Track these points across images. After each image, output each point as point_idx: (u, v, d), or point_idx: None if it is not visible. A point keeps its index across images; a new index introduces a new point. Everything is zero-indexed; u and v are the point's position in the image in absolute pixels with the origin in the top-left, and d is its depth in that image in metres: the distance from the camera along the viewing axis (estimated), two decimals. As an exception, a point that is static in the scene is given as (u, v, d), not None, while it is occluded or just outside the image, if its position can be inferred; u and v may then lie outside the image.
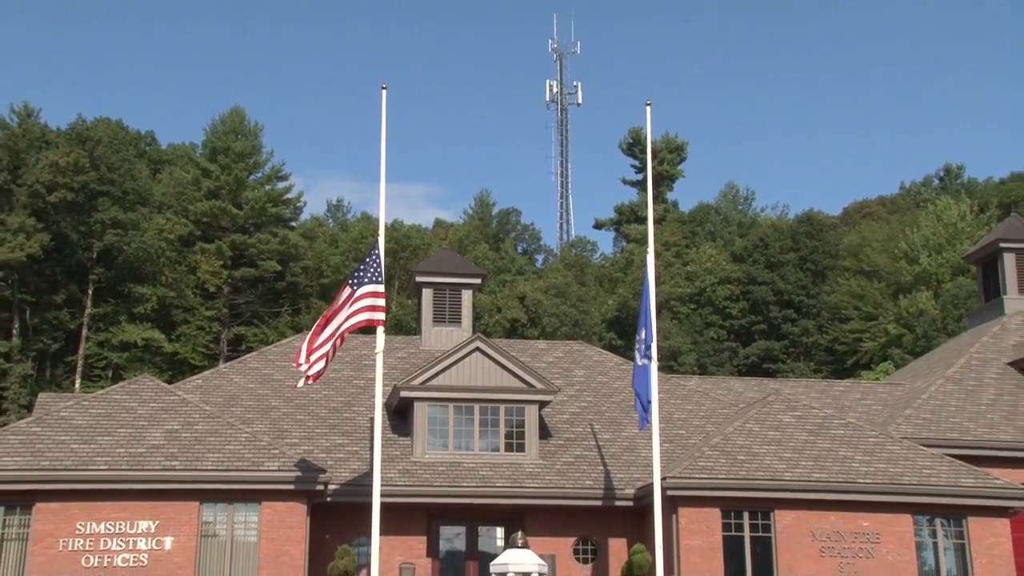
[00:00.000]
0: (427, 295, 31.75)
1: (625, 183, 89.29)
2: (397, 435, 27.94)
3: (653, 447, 24.01)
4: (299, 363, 22.63)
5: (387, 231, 28.58)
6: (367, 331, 25.19)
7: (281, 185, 65.01)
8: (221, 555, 23.72)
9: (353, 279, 22.99)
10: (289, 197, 65.14)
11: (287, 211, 65.21)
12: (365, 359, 30.78)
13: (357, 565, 24.56)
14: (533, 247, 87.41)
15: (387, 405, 28.41)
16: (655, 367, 24.39)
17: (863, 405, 32.08)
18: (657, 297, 25.18)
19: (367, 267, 23.00)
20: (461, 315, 31.70)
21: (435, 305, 31.79)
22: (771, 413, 27.28)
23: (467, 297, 31.91)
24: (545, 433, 28.55)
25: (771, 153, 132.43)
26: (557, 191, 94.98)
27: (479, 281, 32.64)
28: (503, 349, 28.66)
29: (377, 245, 23.52)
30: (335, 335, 22.55)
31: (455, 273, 31.90)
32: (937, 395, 30.17)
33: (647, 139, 28.36)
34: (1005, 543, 24.97)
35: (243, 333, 59.55)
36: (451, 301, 31.77)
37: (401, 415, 28.54)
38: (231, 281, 59.62)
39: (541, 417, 28.27)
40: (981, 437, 28.49)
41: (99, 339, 56.56)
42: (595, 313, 62.91)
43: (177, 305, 57.85)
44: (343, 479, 25.82)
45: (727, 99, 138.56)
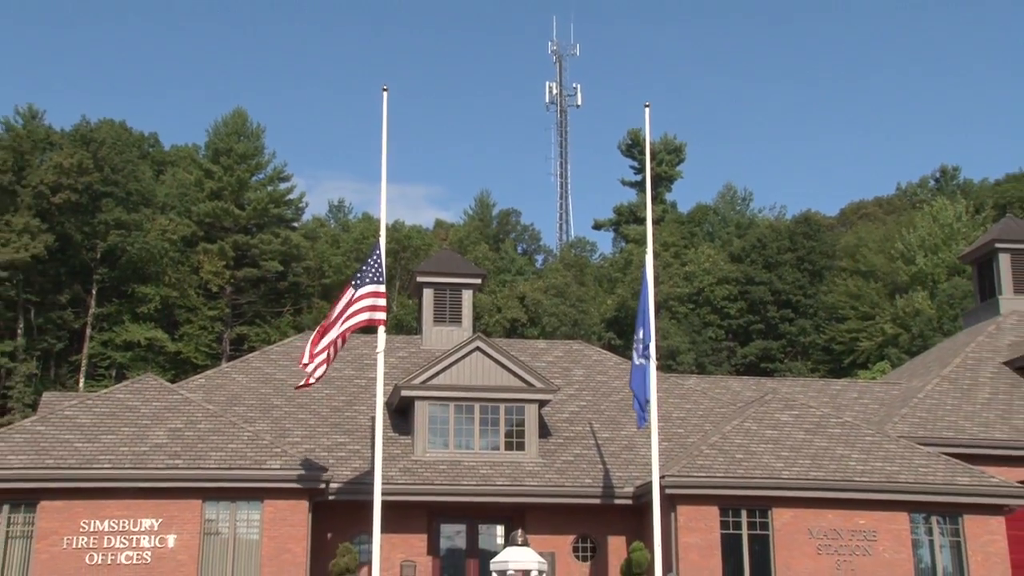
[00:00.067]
0: (428, 295, 31.88)
1: (624, 184, 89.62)
2: (398, 434, 28.05)
3: (652, 446, 24.09)
4: (304, 364, 22.80)
5: (388, 232, 28.75)
6: (368, 331, 25.24)
7: (283, 186, 65.17)
8: (224, 553, 23.83)
9: (356, 280, 23.09)
10: (291, 198, 65.32)
11: (289, 212, 65.36)
12: (366, 358, 30.90)
13: (358, 563, 24.60)
14: (533, 247, 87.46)
15: (388, 404, 28.53)
16: (654, 366, 24.46)
17: (860, 404, 32.06)
18: (656, 297, 25.33)
19: (369, 267, 23.10)
20: (461, 315, 31.81)
21: (436, 305, 31.90)
22: (769, 412, 27.34)
23: (467, 297, 32.03)
24: (545, 432, 28.66)
25: (769, 155, 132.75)
26: (556, 192, 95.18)
27: (479, 281, 32.77)
28: (503, 349, 28.76)
29: (378, 245, 23.59)
30: (337, 335, 22.66)
31: (455, 273, 32.02)
32: (933, 394, 30.19)
33: (646, 140, 28.47)
34: (1000, 541, 25.07)
35: (245, 333, 59.73)
36: (451, 301, 31.88)
37: (402, 414, 28.67)
38: (233, 281, 59.78)
39: (541, 416, 28.39)
40: (977, 436, 28.53)
41: (103, 339, 56.73)
42: (594, 313, 63.04)
43: (180, 305, 58.06)
44: (344, 477, 25.93)
45: (725, 101, 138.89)
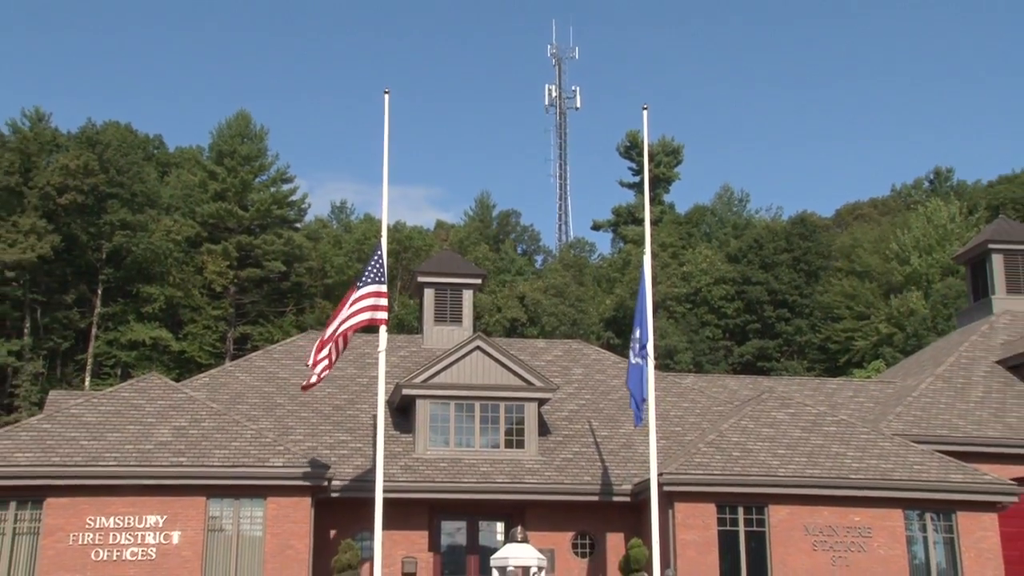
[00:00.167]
0: (429, 295, 32.10)
1: (622, 185, 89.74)
2: (399, 432, 28.27)
3: (650, 444, 24.29)
4: (311, 363, 23.06)
5: (389, 232, 29.01)
6: (370, 330, 25.40)
7: (286, 187, 65.34)
8: (227, 549, 24.01)
9: (359, 281, 23.30)
10: (294, 199, 65.51)
11: (292, 213, 65.54)
12: (368, 357, 31.07)
13: (360, 559, 24.67)
14: (532, 248, 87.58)
15: (389, 403, 28.76)
16: (651, 365, 24.67)
17: (855, 402, 32.20)
18: (654, 297, 25.61)
19: (370, 268, 23.30)
20: (462, 314, 32.00)
21: (436, 305, 32.10)
22: (765, 410, 27.56)
23: (468, 297, 32.22)
24: (544, 430, 28.85)
25: (765, 156, 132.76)
26: (556, 193, 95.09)
27: (479, 281, 32.96)
28: (503, 348, 28.98)
29: (380, 246, 23.81)
30: (339, 335, 22.89)
31: (456, 273, 32.22)
32: (927, 393, 30.30)
33: (644, 142, 28.71)
34: (993, 537, 25.27)
35: (249, 332, 59.92)
36: (452, 301, 32.07)
37: (403, 412, 28.88)
38: (237, 281, 59.95)
39: (540, 414, 28.57)
40: (970, 434, 28.64)
41: (108, 338, 56.98)
42: (593, 312, 63.23)
43: (184, 305, 58.30)
44: (347, 475, 26.13)
45: (722, 103, 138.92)
